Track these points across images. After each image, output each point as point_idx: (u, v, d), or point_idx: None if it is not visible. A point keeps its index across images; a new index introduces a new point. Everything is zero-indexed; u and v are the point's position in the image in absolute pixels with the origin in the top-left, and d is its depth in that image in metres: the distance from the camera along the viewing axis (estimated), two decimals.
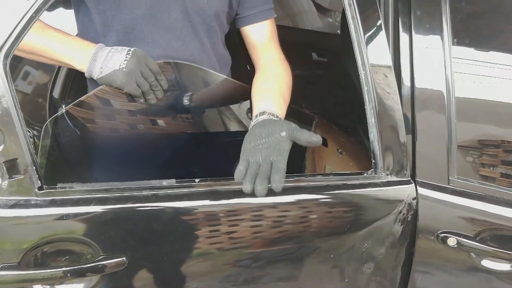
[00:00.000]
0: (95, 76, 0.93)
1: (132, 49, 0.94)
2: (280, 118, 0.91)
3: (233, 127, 1.13)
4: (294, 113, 1.20)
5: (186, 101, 1.03)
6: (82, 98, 0.95)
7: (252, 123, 0.90)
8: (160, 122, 1.06)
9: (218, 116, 1.14)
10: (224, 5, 1.05)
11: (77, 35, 1.09)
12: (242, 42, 1.16)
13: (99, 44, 0.95)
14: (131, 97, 0.96)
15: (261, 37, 1.10)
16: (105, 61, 0.92)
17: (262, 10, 1.09)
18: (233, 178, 0.86)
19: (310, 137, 0.81)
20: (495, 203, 0.97)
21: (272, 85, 1.01)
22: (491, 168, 1.00)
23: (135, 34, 1.01)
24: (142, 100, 0.97)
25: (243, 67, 1.46)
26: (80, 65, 0.94)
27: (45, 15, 0.85)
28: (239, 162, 0.81)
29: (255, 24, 1.09)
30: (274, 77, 1.04)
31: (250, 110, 1.10)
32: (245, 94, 1.05)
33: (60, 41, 0.93)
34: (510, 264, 0.99)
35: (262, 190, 0.76)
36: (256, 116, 0.91)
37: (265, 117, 0.89)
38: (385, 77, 0.95)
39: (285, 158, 0.81)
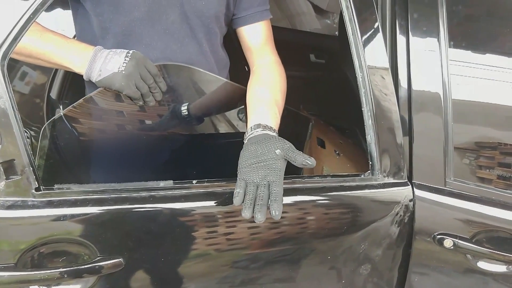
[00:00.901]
0: (94, 78, 0.93)
1: (131, 51, 0.93)
2: (275, 130, 0.91)
3: (230, 128, 1.13)
4: (291, 115, 1.20)
5: (184, 110, 1.03)
6: (80, 100, 0.95)
7: (247, 137, 0.90)
8: (158, 124, 1.06)
9: (216, 118, 1.14)
10: (223, 6, 1.06)
11: (74, 37, 1.09)
12: (240, 43, 1.16)
13: (97, 47, 0.95)
14: (129, 100, 0.96)
15: (256, 38, 1.10)
16: (104, 64, 0.92)
17: (257, 11, 1.08)
18: (230, 179, 0.87)
19: (305, 160, 0.81)
20: (492, 205, 0.98)
21: (266, 94, 1.00)
22: (488, 170, 1.01)
23: (133, 37, 1.01)
24: (141, 103, 0.97)
25: (241, 68, 1.46)
26: (79, 68, 0.94)
27: (43, 16, 0.85)
28: (236, 182, 0.82)
29: (250, 25, 1.09)
30: (268, 84, 1.03)
31: (242, 111, 1.11)
32: (243, 97, 1.05)
33: (58, 44, 0.93)
34: (506, 266, 1.00)
35: (261, 218, 0.76)
36: (251, 128, 0.90)
37: (260, 131, 0.89)
38: (382, 79, 0.95)
39: (281, 178, 0.81)
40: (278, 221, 0.92)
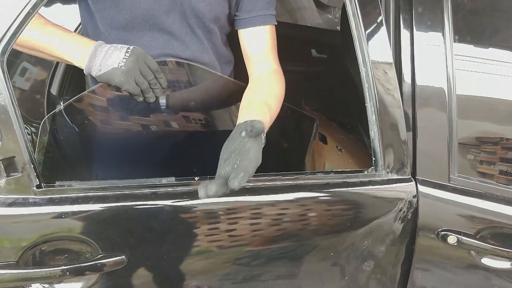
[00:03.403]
0: (94, 73, 0.92)
1: (131, 47, 0.93)
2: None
3: (231, 125, 1.12)
4: (295, 115, 1.19)
5: (183, 105, 1.00)
6: (80, 95, 0.95)
7: None
8: (159, 120, 1.05)
9: (216, 114, 1.13)
10: (224, 7, 1.03)
11: (80, 30, 1.09)
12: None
13: (98, 42, 0.94)
14: (130, 95, 0.95)
15: (255, 44, 1.05)
16: (104, 59, 0.91)
17: (259, 15, 1.03)
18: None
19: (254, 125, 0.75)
20: (496, 201, 0.97)
21: (257, 97, 0.96)
22: (492, 166, 1.00)
23: (134, 33, 1.00)
24: (141, 99, 0.96)
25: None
26: (79, 62, 0.93)
27: (42, 11, 0.85)
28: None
29: (251, 29, 1.04)
30: (262, 91, 0.99)
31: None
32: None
33: (60, 38, 0.92)
34: (510, 262, 1.00)
35: (212, 190, 0.69)
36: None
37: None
38: (386, 74, 0.95)
39: (248, 158, 0.74)
40: (281, 218, 0.92)
